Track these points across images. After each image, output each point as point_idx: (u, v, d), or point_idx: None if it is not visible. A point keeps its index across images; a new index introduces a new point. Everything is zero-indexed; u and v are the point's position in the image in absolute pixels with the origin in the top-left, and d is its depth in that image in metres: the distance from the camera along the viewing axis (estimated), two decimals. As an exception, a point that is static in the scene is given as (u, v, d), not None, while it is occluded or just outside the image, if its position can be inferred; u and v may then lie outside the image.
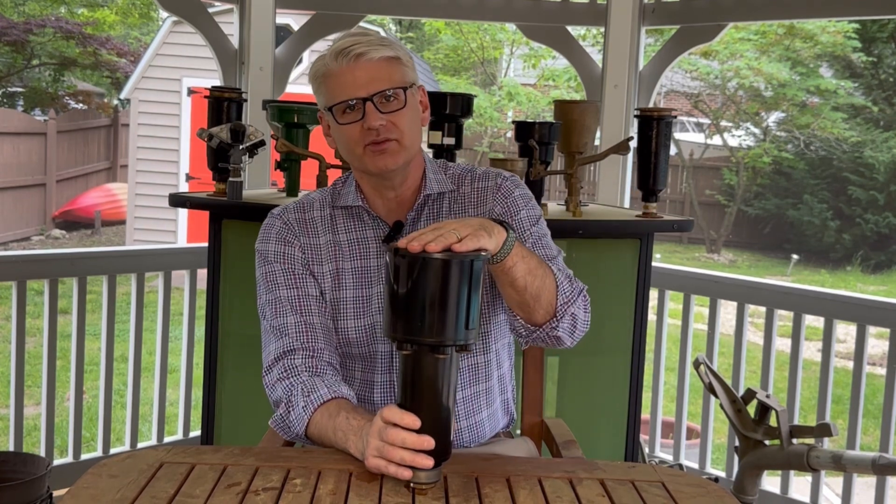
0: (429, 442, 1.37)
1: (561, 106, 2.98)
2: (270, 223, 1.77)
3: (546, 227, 1.77)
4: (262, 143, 2.72)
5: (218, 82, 3.51)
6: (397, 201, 1.74)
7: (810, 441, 2.50)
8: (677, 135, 14.53)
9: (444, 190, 1.76)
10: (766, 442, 2.48)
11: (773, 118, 14.69)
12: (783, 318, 3.70)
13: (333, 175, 2.77)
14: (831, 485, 4.20)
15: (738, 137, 14.77)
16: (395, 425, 1.38)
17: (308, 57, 9.44)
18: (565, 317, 1.63)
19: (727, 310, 4.20)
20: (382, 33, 10.77)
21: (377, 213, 1.74)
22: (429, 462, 1.38)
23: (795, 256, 12.78)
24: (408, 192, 1.74)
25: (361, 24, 4.18)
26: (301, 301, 1.70)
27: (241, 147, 2.67)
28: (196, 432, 3.53)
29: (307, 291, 1.71)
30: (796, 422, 3.28)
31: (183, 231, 10.07)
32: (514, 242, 1.51)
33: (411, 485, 1.39)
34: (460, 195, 1.77)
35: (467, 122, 3.03)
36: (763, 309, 3.40)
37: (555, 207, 2.99)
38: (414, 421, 1.37)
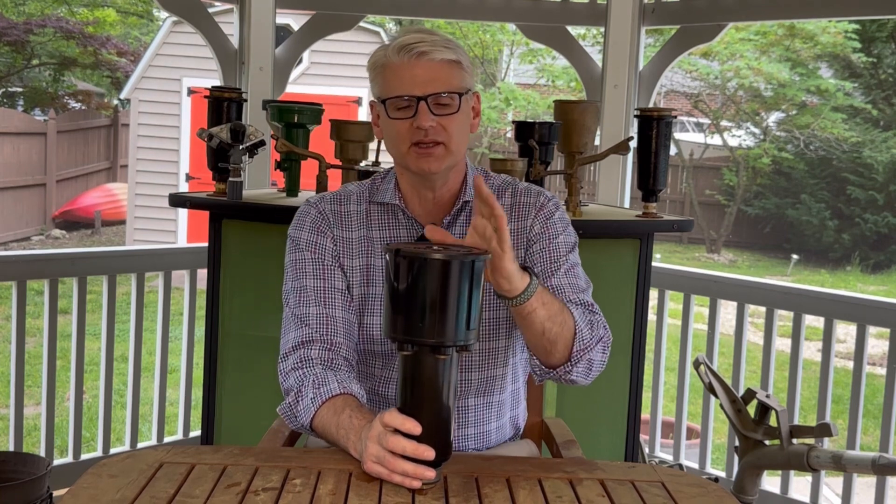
0: (429, 452, 1.37)
1: (561, 106, 2.98)
2: (306, 210, 1.77)
3: (578, 257, 1.77)
4: (262, 143, 2.72)
5: (218, 82, 3.51)
6: (435, 203, 1.74)
7: (810, 441, 2.50)
8: (677, 135, 14.53)
9: None
10: (766, 442, 2.48)
11: (773, 118, 14.69)
12: (783, 318, 3.70)
13: (333, 175, 2.78)
14: (831, 485, 4.20)
15: (738, 137, 14.77)
16: (396, 431, 1.38)
17: (308, 57, 9.49)
18: (580, 362, 1.63)
19: (727, 310, 4.20)
20: (383, 34, 10.65)
21: (413, 213, 1.74)
22: (430, 474, 1.38)
23: (795, 256, 12.78)
24: (447, 194, 1.74)
25: (361, 24, 4.18)
26: (326, 293, 1.69)
27: (241, 147, 2.67)
28: (196, 432, 3.53)
29: (333, 284, 1.70)
30: (796, 422, 3.28)
31: (183, 231, 10.07)
32: (537, 288, 1.52)
33: (411, 485, 1.39)
34: (502, 208, 1.76)
35: (467, 123, 3.02)
36: (763, 309, 3.40)
37: (555, 207, 2.98)
38: (415, 427, 1.37)
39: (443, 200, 1.74)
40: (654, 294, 3.44)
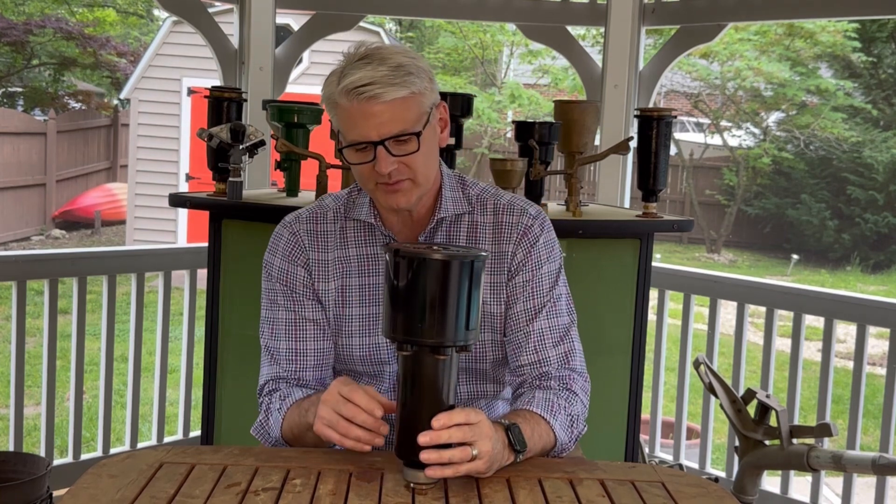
0: (384, 428, 1.43)
1: (561, 106, 2.98)
2: (280, 233, 1.73)
3: (564, 283, 1.72)
4: (262, 143, 2.72)
5: (218, 82, 3.51)
6: (412, 219, 1.70)
7: (810, 441, 2.50)
8: (677, 135, 14.53)
9: (460, 212, 1.70)
10: (766, 442, 2.48)
11: (773, 118, 14.69)
12: (783, 318, 3.70)
13: (333, 174, 2.78)
14: (831, 485, 4.20)
15: (738, 137, 14.77)
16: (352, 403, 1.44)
17: (308, 57, 9.48)
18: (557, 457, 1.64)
19: (727, 310, 4.20)
20: (383, 34, 10.58)
21: (390, 228, 1.70)
22: (379, 441, 1.43)
23: (795, 256, 12.78)
24: (423, 209, 1.69)
25: (361, 24, 4.18)
26: (297, 326, 1.69)
27: (241, 147, 2.67)
28: (196, 432, 3.53)
29: (304, 315, 1.69)
30: (796, 422, 3.28)
31: (183, 231, 10.07)
32: (522, 458, 1.50)
33: (411, 485, 1.40)
34: (482, 225, 1.70)
35: (467, 123, 3.02)
36: (763, 309, 3.40)
37: (555, 207, 2.98)
38: (375, 409, 1.43)
39: (419, 215, 1.69)
40: (654, 294, 3.45)
